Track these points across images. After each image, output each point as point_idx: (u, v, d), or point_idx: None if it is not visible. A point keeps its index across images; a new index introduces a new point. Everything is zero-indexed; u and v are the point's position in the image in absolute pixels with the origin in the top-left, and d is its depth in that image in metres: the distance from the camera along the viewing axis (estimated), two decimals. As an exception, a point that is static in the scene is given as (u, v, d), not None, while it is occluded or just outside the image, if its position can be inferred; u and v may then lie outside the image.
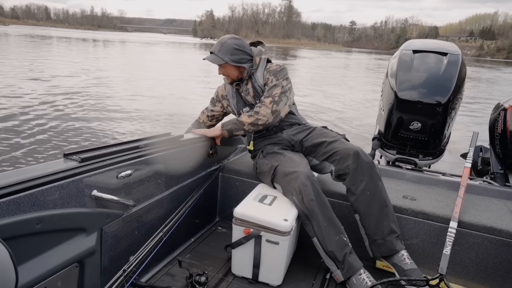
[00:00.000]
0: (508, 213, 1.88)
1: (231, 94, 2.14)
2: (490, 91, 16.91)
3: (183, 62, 23.95)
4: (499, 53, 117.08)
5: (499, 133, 2.37)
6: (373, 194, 1.73)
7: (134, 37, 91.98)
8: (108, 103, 8.88)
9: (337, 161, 1.82)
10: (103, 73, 14.83)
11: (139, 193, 1.57)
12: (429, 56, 2.51)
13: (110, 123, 7.04)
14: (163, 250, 1.72)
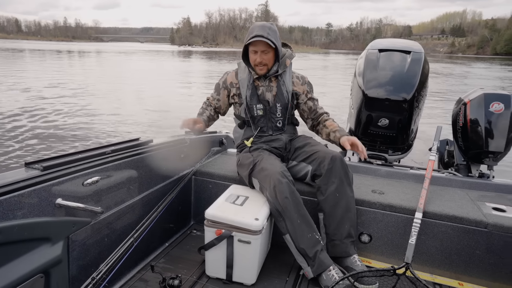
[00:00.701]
0: (469, 202, 1.96)
1: (246, 84, 2.02)
2: (460, 86, 17.49)
3: (162, 70, 23.78)
4: (470, 50, 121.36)
5: (461, 127, 2.48)
6: (341, 198, 1.79)
7: (110, 47, 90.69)
8: (77, 112, 8.74)
9: (314, 161, 1.90)
10: (75, 83, 14.61)
11: (108, 200, 1.57)
12: (394, 55, 2.60)
13: (78, 132, 6.92)
14: (135, 256, 1.71)
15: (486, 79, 23.04)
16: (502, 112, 2.29)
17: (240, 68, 2.08)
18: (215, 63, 33.48)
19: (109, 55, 44.94)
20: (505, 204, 1.96)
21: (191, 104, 10.33)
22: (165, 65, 29.86)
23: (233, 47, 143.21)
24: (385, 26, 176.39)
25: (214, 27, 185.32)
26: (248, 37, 1.93)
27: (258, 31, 1.90)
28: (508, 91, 2.48)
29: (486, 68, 36.45)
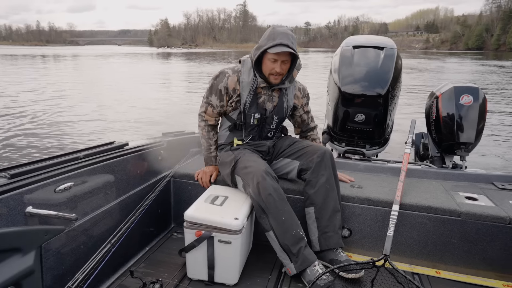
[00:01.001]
0: (443, 192, 2.02)
1: (248, 90, 1.88)
2: (434, 80, 17.99)
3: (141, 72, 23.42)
4: (444, 45, 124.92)
5: (434, 120, 2.54)
6: (331, 190, 1.81)
7: (86, 50, 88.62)
8: (50, 117, 8.53)
9: (302, 156, 1.91)
10: (48, 87, 14.26)
11: (83, 206, 1.53)
12: (368, 51, 2.64)
13: (50, 138, 6.74)
14: (114, 262, 1.68)
15: (459, 73, 23.82)
16: (471, 104, 2.37)
17: (244, 68, 1.89)
18: (195, 64, 33.25)
19: (85, 58, 43.95)
20: (477, 193, 2.02)
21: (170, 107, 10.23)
22: (144, 67, 29.44)
23: (213, 47, 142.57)
24: (362, 24, 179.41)
25: (192, 28, 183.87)
26: (269, 43, 1.75)
27: (282, 39, 1.73)
28: (477, 83, 2.57)
29: (459, 62, 37.72)
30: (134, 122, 8.08)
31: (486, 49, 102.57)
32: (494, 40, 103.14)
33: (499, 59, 44.80)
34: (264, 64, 1.83)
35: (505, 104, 11.42)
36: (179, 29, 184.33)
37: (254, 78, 1.87)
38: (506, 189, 2.09)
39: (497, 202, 1.90)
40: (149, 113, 9.18)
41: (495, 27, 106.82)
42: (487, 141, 6.77)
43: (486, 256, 1.80)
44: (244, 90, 1.88)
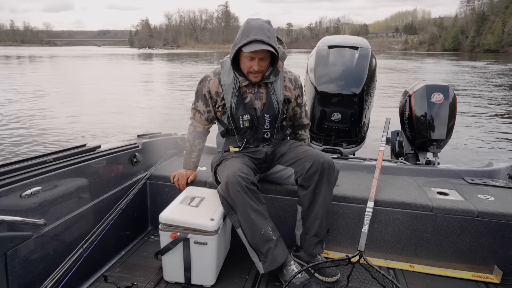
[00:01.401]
0: (417, 188, 2.07)
1: (231, 91, 1.77)
2: (410, 81, 18.54)
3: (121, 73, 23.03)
4: (422, 46, 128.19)
5: (407, 117, 2.61)
6: (321, 196, 1.73)
7: (64, 51, 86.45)
8: (20, 120, 8.29)
9: (298, 162, 1.80)
10: (21, 88, 13.86)
11: (53, 210, 1.48)
12: (343, 51, 2.68)
13: (17, 142, 6.52)
14: (87, 267, 1.64)
15: (435, 73, 24.60)
16: (442, 102, 2.44)
17: (224, 69, 1.79)
18: (177, 65, 32.97)
19: (63, 59, 42.89)
20: (448, 188, 2.08)
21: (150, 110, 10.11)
22: (124, 68, 28.98)
23: (195, 48, 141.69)
24: (343, 25, 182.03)
25: (174, 28, 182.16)
26: (242, 39, 1.61)
27: (257, 34, 1.58)
28: (451, 82, 2.65)
29: (434, 63, 38.97)
30: (110, 125, 7.95)
31: (462, 50, 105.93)
32: (469, 41, 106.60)
33: (473, 60, 46.44)
34: (241, 62, 1.72)
35: (474, 102, 11.89)
36: (161, 29, 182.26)
37: (235, 78, 1.76)
38: (475, 184, 2.16)
39: (467, 196, 1.96)
40: (127, 116, 9.07)
41: (470, 29, 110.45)
42: (458, 137, 7.03)
43: (457, 248, 1.86)
44: (227, 93, 1.78)
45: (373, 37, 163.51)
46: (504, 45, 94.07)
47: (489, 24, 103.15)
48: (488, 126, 8.48)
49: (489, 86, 16.77)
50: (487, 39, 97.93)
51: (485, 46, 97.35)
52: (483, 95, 13.78)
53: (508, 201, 1.90)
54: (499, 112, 10.25)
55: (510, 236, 1.79)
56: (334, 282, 1.71)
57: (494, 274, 1.82)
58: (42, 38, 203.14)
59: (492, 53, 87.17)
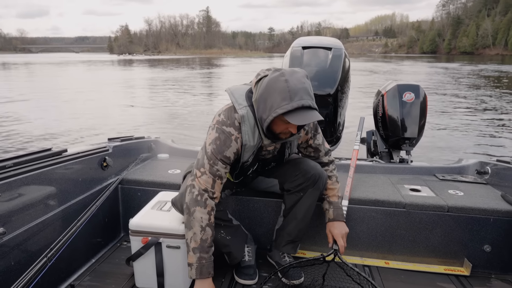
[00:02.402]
0: (390, 186, 2.09)
1: (251, 152, 1.54)
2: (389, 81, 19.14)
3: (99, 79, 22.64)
4: (401, 49, 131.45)
5: (380, 117, 2.65)
6: (306, 198, 1.69)
7: (41, 58, 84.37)
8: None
9: (281, 173, 1.76)
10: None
11: (14, 218, 1.42)
12: (317, 52, 2.69)
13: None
14: (53, 277, 1.58)
15: (414, 74, 25.33)
16: (413, 101, 2.49)
17: (245, 126, 1.47)
18: (160, 70, 32.69)
19: (39, 66, 41.83)
20: (420, 184, 2.12)
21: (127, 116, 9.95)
22: (103, 74, 28.50)
23: (176, 54, 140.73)
24: (324, 29, 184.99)
25: (155, 34, 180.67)
26: (283, 104, 1.30)
27: (302, 97, 1.29)
28: (428, 83, 2.71)
29: (412, 65, 40.13)
30: (83, 130, 7.80)
31: (439, 52, 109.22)
32: (445, 44, 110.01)
33: (449, 62, 48.01)
34: (275, 124, 1.41)
35: (445, 101, 12.30)
36: (141, 35, 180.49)
37: (259, 139, 1.51)
38: (446, 180, 2.21)
39: (438, 192, 1.99)
40: (101, 120, 8.90)
41: (446, 32, 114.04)
42: (431, 135, 7.24)
43: (429, 243, 1.88)
44: (247, 152, 1.53)
45: (354, 41, 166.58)
46: (479, 47, 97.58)
47: (464, 27, 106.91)
48: (458, 124, 8.81)
49: (458, 86, 17.47)
50: (463, 42, 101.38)
51: (461, 48, 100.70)
52: (453, 94, 14.31)
53: (476, 196, 1.94)
54: (468, 111, 10.65)
55: (478, 229, 1.83)
56: (309, 276, 1.72)
57: (464, 267, 1.85)
58: (16, 45, 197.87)
59: (468, 55, 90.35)
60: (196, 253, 1.44)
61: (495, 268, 1.85)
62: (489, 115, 9.96)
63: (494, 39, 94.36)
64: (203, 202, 1.46)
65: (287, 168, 1.74)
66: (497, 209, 1.79)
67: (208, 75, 27.34)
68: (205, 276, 1.45)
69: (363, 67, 35.55)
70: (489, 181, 2.17)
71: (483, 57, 72.79)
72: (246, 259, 1.81)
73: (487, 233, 1.82)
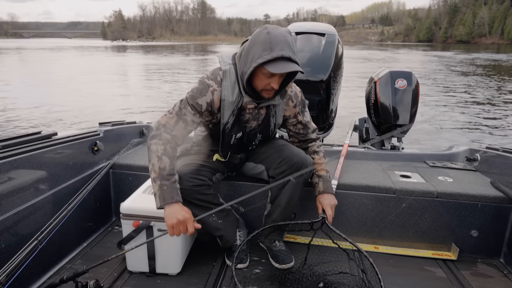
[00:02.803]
0: (381, 172, 2.11)
1: (231, 110, 1.53)
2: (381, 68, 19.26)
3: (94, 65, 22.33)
4: (397, 37, 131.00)
5: (373, 104, 2.65)
6: (291, 186, 1.71)
7: (33, 43, 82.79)
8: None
9: (265, 160, 1.77)
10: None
11: (4, 202, 1.41)
12: (310, 37, 2.68)
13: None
14: (44, 260, 1.58)
15: (411, 62, 25.31)
16: (406, 88, 2.49)
17: (227, 81, 1.50)
18: (154, 57, 32.31)
19: (31, 52, 41.12)
20: (411, 171, 2.14)
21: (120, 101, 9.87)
22: (97, 60, 28.10)
23: (171, 40, 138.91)
24: (320, 16, 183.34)
25: (149, 20, 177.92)
26: (265, 55, 1.33)
27: (283, 50, 1.32)
28: (411, 69, 2.71)
29: (407, 53, 40.15)
30: (75, 114, 7.74)
31: (436, 41, 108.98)
32: (442, 33, 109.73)
33: (444, 50, 48.03)
34: (257, 78, 1.43)
35: (437, 89, 12.39)
36: (135, 21, 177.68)
37: (239, 96, 1.51)
38: (436, 167, 2.23)
39: (428, 178, 2.02)
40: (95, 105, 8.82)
41: (443, 20, 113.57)
42: (422, 122, 7.30)
43: (418, 229, 1.92)
44: (226, 110, 1.53)
45: (350, 28, 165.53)
46: (475, 36, 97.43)
47: (460, 15, 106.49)
48: (449, 111, 8.91)
49: (451, 74, 17.55)
50: (459, 30, 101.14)
51: (457, 37, 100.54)
52: (445, 82, 14.38)
53: (465, 182, 1.97)
54: (459, 99, 10.73)
55: (465, 215, 1.86)
56: (296, 242, 1.77)
57: (451, 252, 1.89)
58: (7, 29, 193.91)
59: (464, 43, 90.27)
60: (156, 181, 1.42)
61: (481, 252, 1.89)
62: (480, 103, 10.06)
63: (491, 28, 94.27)
64: (158, 135, 1.48)
65: (272, 154, 1.74)
66: (485, 195, 1.82)
67: (203, 62, 27.10)
68: (168, 202, 1.40)
69: (358, 55, 35.45)
70: (478, 168, 2.20)
71: (479, 46, 72.86)
72: (238, 243, 1.84)
73: (474, 218, 1.86)
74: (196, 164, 1.65)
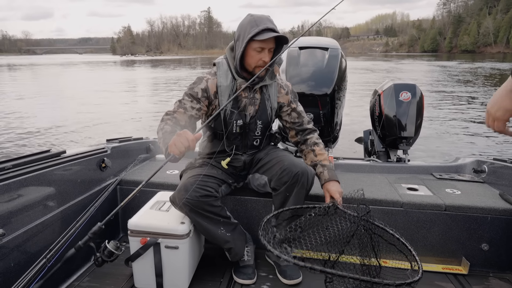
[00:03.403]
0: (388, 185, 2.10)
1: (227, 95, 1.67)
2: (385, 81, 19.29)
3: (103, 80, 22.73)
4: (402, 48, 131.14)
5: (377, 116, 2.66)
6: (294, 199, 1.71)
7: (45, 59, 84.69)
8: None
9: (270, 170, 1.78)
10: None
11: (13, 220, 1.44)
12: (313, 52, 2.71)
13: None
14: (53, 278, 1.58)
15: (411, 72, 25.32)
16: (410, 100, 2.50)
17: (220, 70, 1.70)
18: (162, 71, 32.79)
19: (44, 67, 42.05)
20: (418, 183, 2.13)
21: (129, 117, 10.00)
22: (107, 74, 28.61)
23: (178, 54, 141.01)
24: (325, 28, 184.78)
25: (157, 35, 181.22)
26: (252, 30, 1.54)
27: (266, 23, 1.55)
28: (415, 80, 2.72)
29: (410, 63, 40.26)
30: (84, 130, 7.85)
31: (440, 51, 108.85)
32: (447, 43, 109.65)
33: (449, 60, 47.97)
34: (248, 57, 1.61)
35: (441, 100, 12.31)
36: (143, 36, 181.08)
37: (232, 81, 1.69)
38: (443, 179, 2.22)
39: (435, 191, 2.00)
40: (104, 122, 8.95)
41: (447, 30, 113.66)
42: (427, 134, 7.25)
43: (427, 242, 1.89)
44: (223, 95, 1.68)
45: (355, 40, 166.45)
46: (480, 45, 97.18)
47: (465, 25, 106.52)
48: (455, 123, 8.81)
49: (455, 84, 17.43)
50: (464, 40, 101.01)
51: (462, 47, 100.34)
52: (450, 93, 14.29)
53: (473, 194, 1.95)
54: (464, 109, 10.64)
55: (475, 228, 1.83)
56: (297, 285, 1.73)
57: (462, 266, 1.86)
58: (21, 46, 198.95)
59: (469, 53, 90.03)
60: (165, 145, 1.50)
61: (493, 266, 1.86)
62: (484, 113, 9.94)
63: (496, 37, 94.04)
64: (162, 120, 1.65)
65: (274, 164, 1.76)
66: (494, 207, 1.80)
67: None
68: (168, 141, 1.45)
69: (362, 66, 35.59)
70: (486, 180, 2.18)
71: (485, 55, 72.61)
72: (245, 259, 1.83)
73: (484, 231, 1.83)
74: (201, 175, 1.68)
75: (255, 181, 1.89)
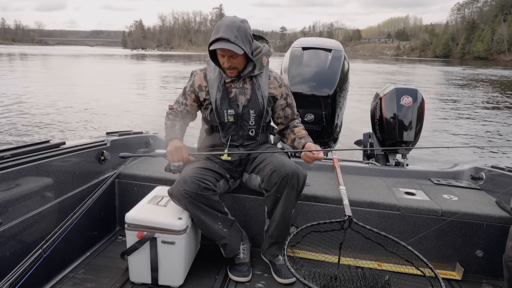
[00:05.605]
0: (385, 188, 2.10)
1: (216, 86, 1.79)
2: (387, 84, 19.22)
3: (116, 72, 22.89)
4: (413, 52, 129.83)
5: (378, 120, 2.66)
6: (284, 200, 1.72)
7: (57, 50, 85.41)
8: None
9: (261, 171, 1.80)
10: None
11: (10, 209, 1.44)
12: (316, 53, 2.72)
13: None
14: (48, 268, 1.60)
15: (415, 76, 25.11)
16: (411, 105, 2.50)
17: (209, 66, 1.84)
18: (171, 65, 32.94)
19: (55, 58, 42.46)
20: (415, 188, 2.12)
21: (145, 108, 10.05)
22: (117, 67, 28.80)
23: (188, 50, 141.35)
24: (336, 30, 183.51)
25: (168, 30, 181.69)
26: (212, 37, 1.66)
27: (224, 33, 1.61)
28: (417, 86, 2.71)
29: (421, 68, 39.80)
30: (87, 122, 7.92)
31: (452, 57, 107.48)
32: (459, 48, 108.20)
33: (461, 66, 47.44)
34: (219, 59, 1.74)
35: (442, 106, 12.21)
36: (154, 31, 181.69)
37: (220, 73, 1.80)
38: (440, 184, 2.21)
39: (432, 196, 2.00)
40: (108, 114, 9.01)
41: (460, 36, 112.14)
42: (427, 139, 7.20)
43: (422, 247, 1.89)
44: (212, 87, 1.79)
45: (366, 42, 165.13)
46: (493, 52, 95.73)
47: (478, 32, 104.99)
48: (454, 129, 8.74)
49: (457, 90, 17.26)
50: (477, 47, 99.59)
51: (475, 53, 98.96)
52: (451, 99, 14.13)
53: (470, 201, 1.95)
54: (465, 116, 10.53)
55: (470, 234, 1.83)
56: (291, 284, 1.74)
57: (456, 271, 1.86)
58: (33, 37, 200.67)
59: (482, 60, 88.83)
60: (166, 136, 1.83)
61: (486, 273, 1.85)
62: (485, 121, 9.86)
63: (510, 45, 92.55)
64: (166, 115, 1.92)
65: (266, 164, 1.79)
66: (490, 214, 1.80)
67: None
68: (170, 138, 1.79)
69: (375, 68, 35.38)
70: (483, 187, 2.17)
71: (497, 63, 71.60)
72: (241, 256, 1.84)
73: (479, 238, 1.83)
74: (200, 168, 1.73)
75: (252, 182, 1.91)
